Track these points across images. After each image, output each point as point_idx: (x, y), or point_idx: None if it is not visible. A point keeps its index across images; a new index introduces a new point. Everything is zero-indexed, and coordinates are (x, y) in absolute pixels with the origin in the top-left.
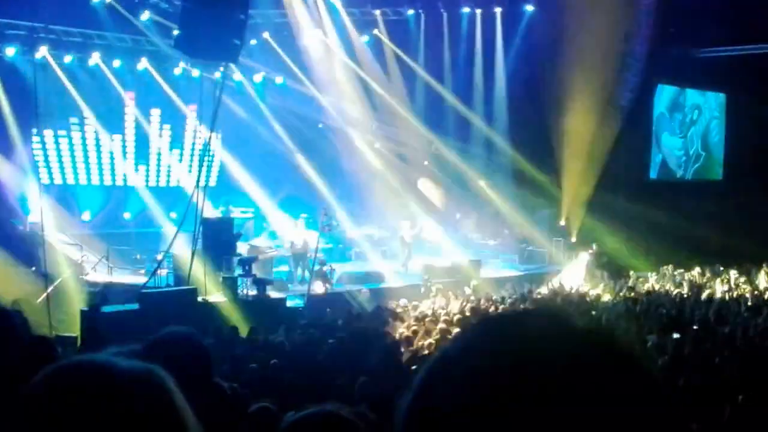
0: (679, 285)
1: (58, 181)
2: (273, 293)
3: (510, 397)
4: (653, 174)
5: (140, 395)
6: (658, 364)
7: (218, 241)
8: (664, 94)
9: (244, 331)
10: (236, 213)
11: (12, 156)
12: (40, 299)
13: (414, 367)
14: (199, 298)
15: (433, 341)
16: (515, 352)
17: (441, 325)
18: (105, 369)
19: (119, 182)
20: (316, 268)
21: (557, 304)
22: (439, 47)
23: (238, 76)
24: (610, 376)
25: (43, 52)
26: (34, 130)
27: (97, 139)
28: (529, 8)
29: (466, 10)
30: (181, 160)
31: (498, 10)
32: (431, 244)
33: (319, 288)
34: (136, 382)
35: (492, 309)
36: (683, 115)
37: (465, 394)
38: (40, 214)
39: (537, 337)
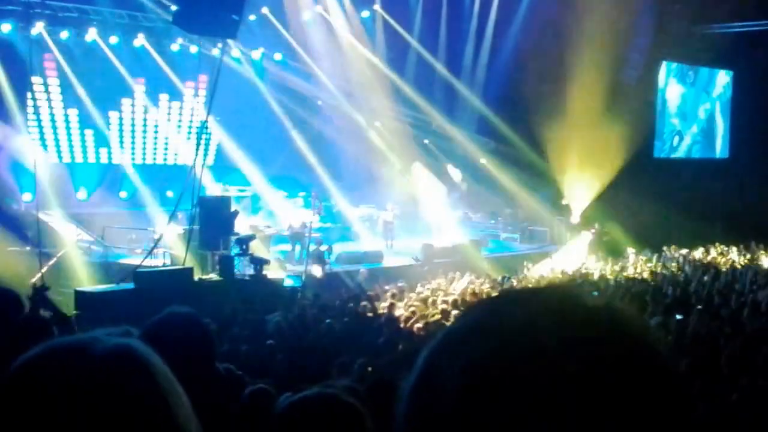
0: (683, 265)
1: (53, 159)
2: (270, 273)
3: (517, 377)
4: (657, 153)
5: (115, 376)
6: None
7: (215, 220)
8: None
9: (240, 311)
10: (233, 192)
11: (7, 133)
12: (35, 278)
13: (412, 348)
14: (196, 278)
15: (432, 322)
16: (523, 330)
17: (441, 306)
18: (78, 351)
19: (115, 161)
20: (312, 248)
21: (565, 282)
22: (438, 24)
23: (236, 52)
24: (620, 355)
25: (39, 28)
26: (30, 108)
27: (93, 117)
28: None
29: None
30: (178, 139)
31: None
32: (431, 224)
33: (316, 270)
34: (110, 363)
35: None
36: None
37: (471, 373)
38: (36, 192)
39: (546, 315)
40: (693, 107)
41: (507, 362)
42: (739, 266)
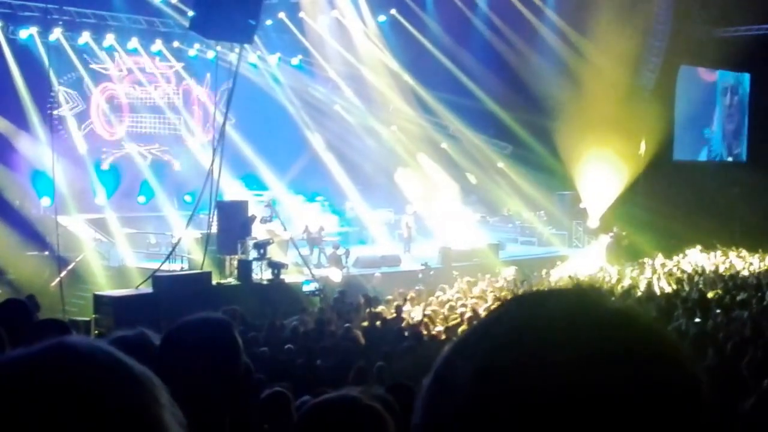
0: (702, 268)
1: (72, 164)
2: (288, 277)
3: (531, 376)
4: (677, 156)
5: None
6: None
7: (233, 225)
8: None
9: (258, 315)
10: (250, 196)
11: (27, 139)
12: (53, 283)
13: (430, 352)
14: (214, 282)
15: (451, 326)
16: (540, 329)
17: (460, 310)
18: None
19: (133, 165)
20: (330, 251)
21: (582, 285)
22: (455, 28)
23: (253, 57)
24: (635, 357)
25: (56, 33)
26: (49, 112)
27: (110, 122)
28: None
29: None
30: (195, 143)
31: None
32: (450, 228)
33: (334, 273)
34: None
35: (510, 293)
36: None
37: (481, 374)
38: (54, 197)
39: (565, 315)
40: None
41: (515, 363)
42: (759, 270)
